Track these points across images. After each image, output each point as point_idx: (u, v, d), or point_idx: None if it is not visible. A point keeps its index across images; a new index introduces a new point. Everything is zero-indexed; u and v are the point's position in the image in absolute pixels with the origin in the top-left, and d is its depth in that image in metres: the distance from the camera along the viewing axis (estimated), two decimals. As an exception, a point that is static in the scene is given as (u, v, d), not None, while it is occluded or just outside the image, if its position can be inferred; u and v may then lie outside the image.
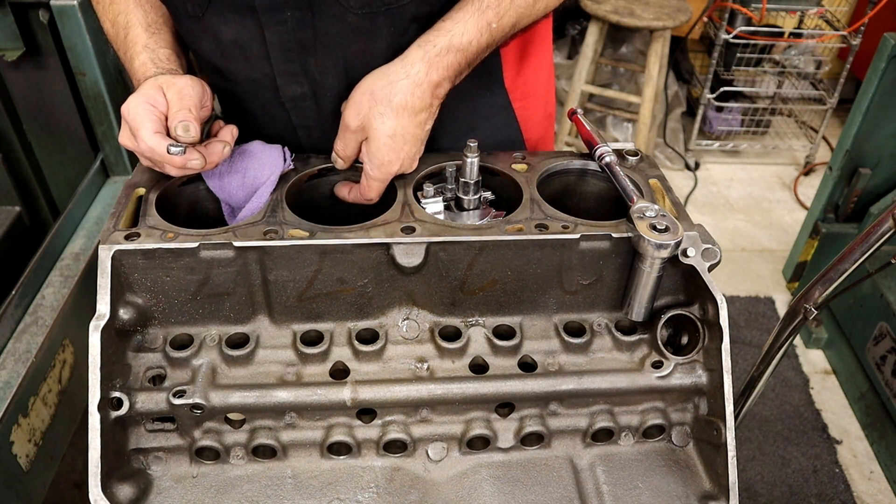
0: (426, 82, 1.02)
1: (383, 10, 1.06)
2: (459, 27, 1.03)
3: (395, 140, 1.03)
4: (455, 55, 1.03)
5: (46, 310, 1.54)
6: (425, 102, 1.03)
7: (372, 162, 1.05)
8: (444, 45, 1.02)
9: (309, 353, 1.01)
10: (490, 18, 1.04)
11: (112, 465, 0.94)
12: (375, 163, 1.05)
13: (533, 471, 1.04)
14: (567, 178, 1.19)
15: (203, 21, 1.09)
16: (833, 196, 2.87)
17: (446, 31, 1.03)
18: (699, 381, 1.02)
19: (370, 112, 1.03)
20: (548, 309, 1.07)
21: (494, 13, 1.04)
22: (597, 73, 3.91)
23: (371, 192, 1.08)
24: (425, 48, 1.02)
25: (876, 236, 1.39)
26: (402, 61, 1.03)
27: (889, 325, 2.49)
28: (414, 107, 1.02)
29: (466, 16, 1.03)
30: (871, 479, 2.51)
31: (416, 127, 1.04)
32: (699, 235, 0.99)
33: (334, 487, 1.00)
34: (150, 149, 0.96)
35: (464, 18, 1.03)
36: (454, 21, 1.04)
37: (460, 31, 1.03)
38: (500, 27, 1.06)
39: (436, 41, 1.03)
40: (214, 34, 1.10)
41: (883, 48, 2.49)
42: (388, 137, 1.03)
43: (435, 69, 1.02)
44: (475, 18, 1.03)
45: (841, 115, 3.97)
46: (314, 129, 1.21)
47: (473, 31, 1.03)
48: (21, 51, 1.82)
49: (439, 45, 1.02)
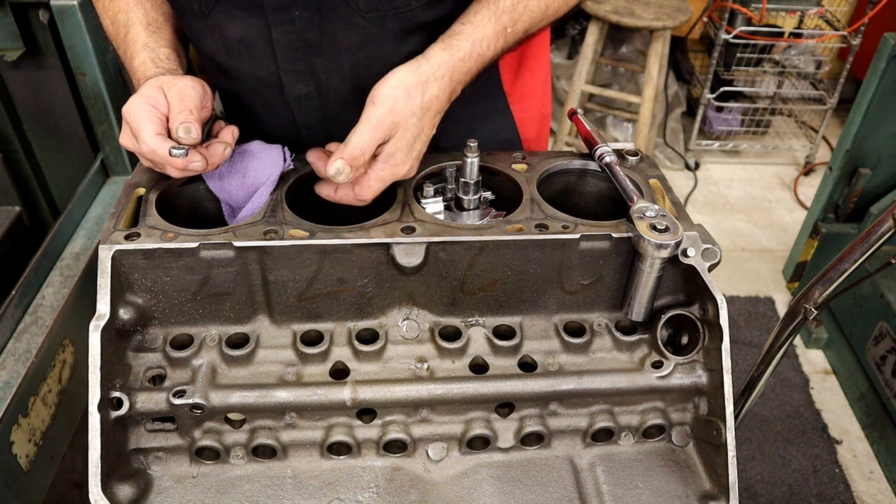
0: (448, 87, 1.01)
1: (391, 14, 1.06)
2: (479, 31, 1.01)
3: (416, 142, 1.00)
4: (475, 61, 1.02)
5: (46, 310, 1.54)
6: (443, 106, 1.02)
7: (387, 161, 1.00)
8: (466, 51, 1.01)
9: (309, 353, 1.01)
10: (506, 23, 1.03)
11: (112, 465, 0.94)
12: (391, 162, 1.00)
13: (533, 471, 1.04)
14: (567, 178, 1.19)
15: (209, 19, 1.09)
16: (833, 196, 2.87)
17: (467, 36, 1.01)
18: (699, 381, 1.02)
19: (405, 109, 0.97)
20: (548, 309, 1.07)
21: (510, 18, 1.03)
22: (597, 73, 3.91)
23: (370, 193, 1.02)
24: (451, 52, 1.00)
25: (876, 236, 1.40)
26: (427, 62, 1.00)
27: (889, 325, 2.49)
28: (436, 109, 1.01)
29: (483, 20, 1.02)
30: (871, 479, 2.51)
31: (431, 129, 1.03)
32: (699, 235, 0.99)
33: (334, 487, 1.00)
34: (151, 151, 0.96)
35: (481, 23, 1.02)
36: (473, 25, 1.02)
37: (480, 35, 1.01)
38: (514, 32, 1.05)
39: (459, 45, 1.01)
40: (221, 32, 1.10)
41: (883, 48, 2.49)
42: (413, 138, 1.00)
43: (458, 74, 1.01)
44: (492, 23, 1.02)
45: (841, 115, 3.97)
46: (318, 129, 1.21)
47: (491, 36, 1.02)
48: (21, 51, 1.82)
49: (463, 49, 1.01)
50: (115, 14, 1.13)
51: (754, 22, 3.62)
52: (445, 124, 1.12)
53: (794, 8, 3.64)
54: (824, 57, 4.06)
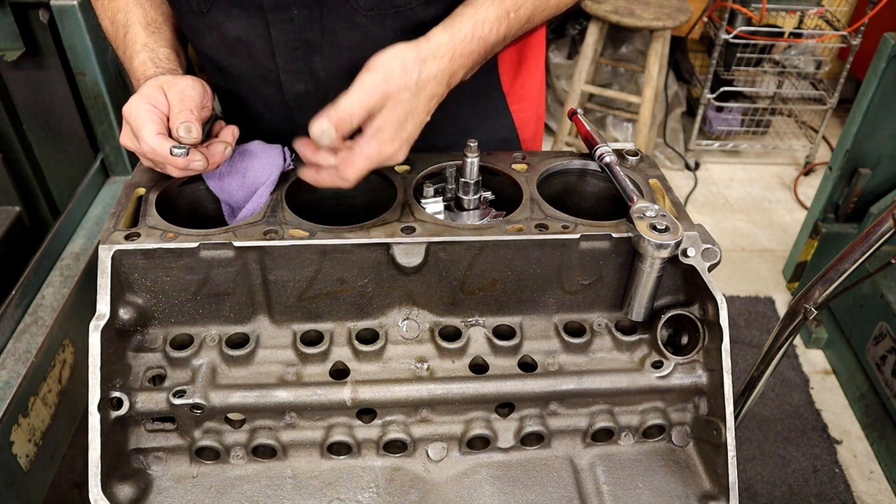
0: (448, 68, 0.97)
1: (392, 13, 1.05)
2: (481, 13, 0.99)
3: (406, 120, 0.95)
4: (477, 43, 0.99)
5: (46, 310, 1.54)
6: (441, 90, 0.98)
7: (374, 136, 0.93)
8: (468, 32, 0.97)
9: (309, 353, 1.01)
10: (508, 7, 1.00)
11: (112, 465, 0.94)
12: (379, 138, 0.93)
13: (533, 471, 1.04)
14: (567, 178, 1.19)
15: (208, 17, 1.09)
16: (833, 196, 2.87)
17: (469, 17, 0.98)
18: (699, 381, 1.02)
19: (399, 81, 0.92)
20: (548, 309, 1.07)
21: (513, 2, 1.01)
22: (597, 73, 3.91)
23: (354, 173, 0.95)
24: (451, 32, 0.97)
25: (876, 236, 1.40)
26: (428, 41, 0.97)
27: (889, 325, 2.49)
28: (432, 92, 0.97)
29: (486, 2, 0.99)
30: (871, 479, 2.51)
31: (425, 113, 0.98)
32: (699, 235, 0.99)
33: (334, 487, 1.00)
34: (152, 150, 0.96)
35: (484, 5, 0.99)
36: (475, 7, 0.99)
37: (482, 17, 0.98)
38: (517, 18, 1.02)
39: (461, 26, 0.98)
40: (219, 30, 1.10)
41: (883, 48, 2.49)
42: (404, 114, 0.94)
43: (459, 56, 0.97)
44: (494, 6, 1.00)
45: (841, 115, 3.97)
46: None
47: (493, 19, 0.99)
48: (21, 51, 1.83)
49: (464, 30, 0.97)
50: (115, 14, 1.13)
51: (754, 22, 3.62)
52: (444, 124, 1.12)
53: (794, 8, 3.64)
54: (824, 57, 4.07)
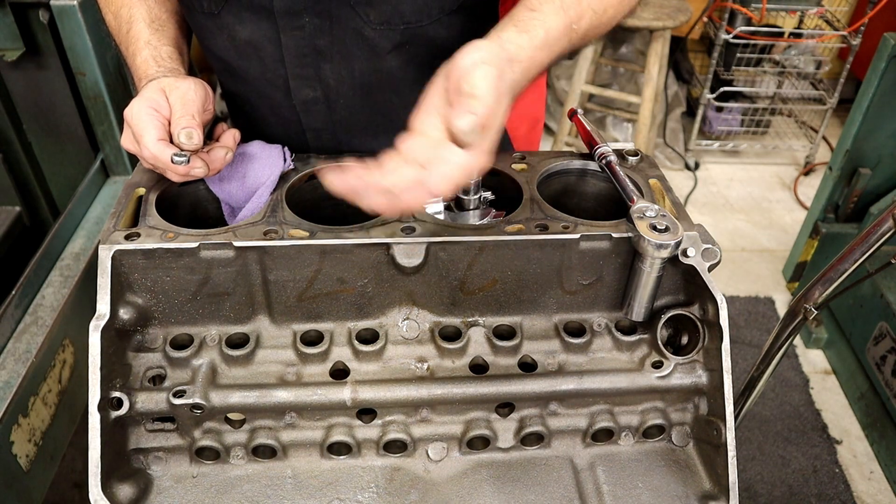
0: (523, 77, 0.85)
1: (401, 28, 1.05)
2: (551, 21, 0.86)
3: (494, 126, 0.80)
4: (546, 53, 0.86)
5: (46, 310, 1.54)
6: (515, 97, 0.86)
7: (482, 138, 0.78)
8: (541, 39, 0.84)
9: (309, 353, 1.01)
10: (572, 18, 0.89)
11: (112, 465, 0.94)
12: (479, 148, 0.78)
13: (533, 471, 1.04)
14: (567, 178, 1.19)
15: (219, 18, 1.09)
16: (833, 196, 2.87)
17: (541, 23, 0.85)
18: (699, 381, 1.02)
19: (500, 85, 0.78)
20: (548, 309, 1.07)
21: (575, 13, 0.90)
22: (597, 73, 3.91)
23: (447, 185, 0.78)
24: (529, 35, 0.84)
25: (876, 236, 1.40)
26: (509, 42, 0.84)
27: (889, 325, 2.49)
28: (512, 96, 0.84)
29: (551, 11, 0.87)
30: (871, 479, 2.51)
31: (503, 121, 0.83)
32: (699, 235, 0.99)
33: (334, 487, 1.00)
34: (153, 156, 0.96)
35: (550, 12, 0.86)
36: (543, 13, 0.86)
37: (553, 24, 0.86)
38: (578, 32, 0.91)
39: (535, 31, 0.84)
40: (229, 32, 1.10)
41: (883, 48, 2.49)
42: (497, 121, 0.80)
43: (533, 63, 0.85)
44: (560, 16, 0.87)
45: (841, 115, 3.97)
46: (323, 132, 1.21)
47: (561, 28, 0.87)
48: (21, 51, 1.83)
49: (539, 37, 0.84)
50: (118, 9, 1.13)
51: (754, 22, 3.62)
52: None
53: (794, 8, 3.64)
54: (824, 57, 4.06)
